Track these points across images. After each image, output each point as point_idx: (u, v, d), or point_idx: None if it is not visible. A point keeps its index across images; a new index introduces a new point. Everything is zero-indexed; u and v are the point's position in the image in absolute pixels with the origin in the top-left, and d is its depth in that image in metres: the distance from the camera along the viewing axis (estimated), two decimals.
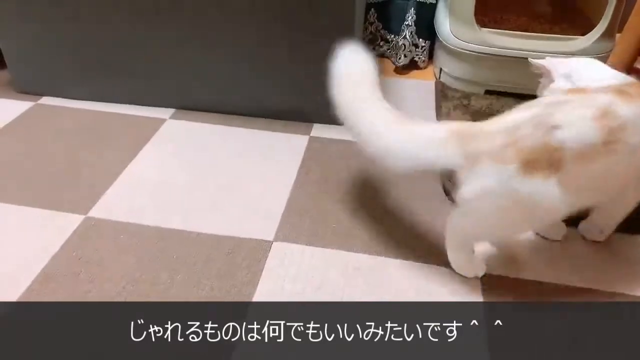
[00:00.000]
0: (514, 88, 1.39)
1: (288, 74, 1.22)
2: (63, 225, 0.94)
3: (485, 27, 1.36)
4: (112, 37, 1.23)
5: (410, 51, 1.54)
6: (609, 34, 1.29)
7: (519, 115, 0.74)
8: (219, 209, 0.99)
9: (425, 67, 1.58)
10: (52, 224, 0.94)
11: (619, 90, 0.74)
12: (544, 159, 0.68)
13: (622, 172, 0.76)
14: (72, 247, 0.90)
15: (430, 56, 1.59)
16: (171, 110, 1.31)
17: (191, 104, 1.31)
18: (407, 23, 1.50)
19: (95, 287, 0.82)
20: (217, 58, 1.23)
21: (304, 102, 1.25)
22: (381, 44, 1.61)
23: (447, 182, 1.03)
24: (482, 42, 1.33)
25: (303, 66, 1.19)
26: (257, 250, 0.90)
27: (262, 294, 0.82)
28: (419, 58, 1.56)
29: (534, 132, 0.69)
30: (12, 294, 0.80)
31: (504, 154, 0.69)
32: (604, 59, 1.28)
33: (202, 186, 1.05)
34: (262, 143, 1.20)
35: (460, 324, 0.78)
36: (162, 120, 1.27)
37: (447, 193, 1.03)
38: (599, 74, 0.84)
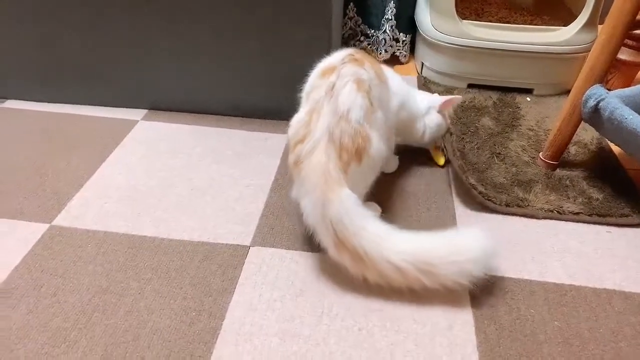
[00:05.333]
0: (497, 81, 1.36)
1: (263, 71, 1.17)
2: (25, 235, 0.88)
3: (466, 20, 1.33)
4: (78, 37, 1.17)
5: (391, 46, 1.51)
6: (590, 24, 1.27)
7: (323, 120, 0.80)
8: (192, 214, 0.94)
9: (406, 62, 1.55)
10: (13, 234, 0.88)
11: (351, 60, 0.85)
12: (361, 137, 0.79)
13: (386, 119, 0.88)
14: (34, 258, 0.84)
15: (412, 50, 1.55)
16: (143, 112, 1.26)
17: (164, 104, 1.25)
18: (387, 17, 1.46)
19: (58, 301, 0.77)
20: (190, 57, 1.17)
21: (280, 100, 1.20)
22: (361, 39, 1.57)
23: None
24: (463, 35, 1.30)
25: (279, 63, 1.15)
26: (234, 256, 0.85)
27: (239, 302, 0.77)
28: (400, 52, 1.53)
29: (344, 125, 0.78)
30: None
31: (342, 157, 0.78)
32: (587, 50, 1.26)
33: (174, 190, 1.00)
34: (237, 143, 1.15)
35: (451, 326, 0.74)
36: (134, 122, 1.21)
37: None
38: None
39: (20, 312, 0.75)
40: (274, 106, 1.22)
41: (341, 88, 0.80)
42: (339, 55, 0.88)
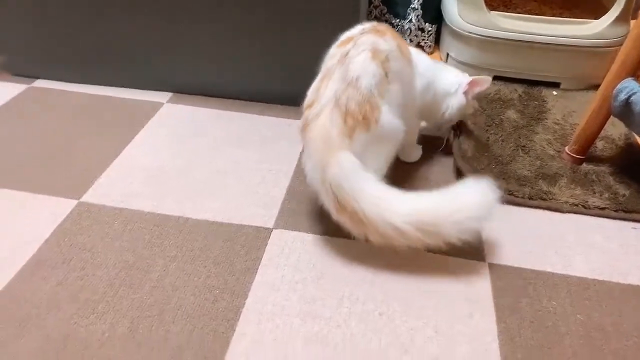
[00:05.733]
0: (523, 74, 1.35)
1: (288, 58, 1.18)
2: (55, 210, 0.91)
3: (494, 11, 1.31)
4: (108, 20, 1.18)
5: (416, 36, 1.49)
6: (622, 18, 1.24)
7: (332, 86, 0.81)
8: (216, 195, 0.96)
9: (431, 52, 1.54)
10: (45, 208, 0.91)
11: (374, 30, 0.85)
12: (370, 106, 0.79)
13: (404, 98, 0.86)
14: (64, 232, 0.86)
15: (437, 41, 1.54)
16: (168, 94, 1.27)
17: (189, 87, 1.27)
18: (413, 6, 1.45)
19: (87, 275, 0.79)
20: (216, 42, 1.18)
21: (304, 87, 1.20)
22: None
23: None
24: (491, 26, 1.28)
25: (303, 50, 1.15)
26: (257, 238, 0.87)
27: (262, 283, 0.79)
28: (425, 43, 1.51)
29: (351, 91, 0.78)
30: (1, 280, 0.77)
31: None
32: (618, 44, 1.23)
33: (199, 172, 1.02)
34: (261, 128, 1.16)
35: (471, 313, 0.75)
36: (159, 104, 1.23)
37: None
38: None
39: (51, 283, 0.77)
40: (297, 93, 1.21)
41: (355, 56, 0.80)
42: (362, 26, 0.88)
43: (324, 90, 0.80)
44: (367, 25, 0.88)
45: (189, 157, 1.06)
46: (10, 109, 1.19)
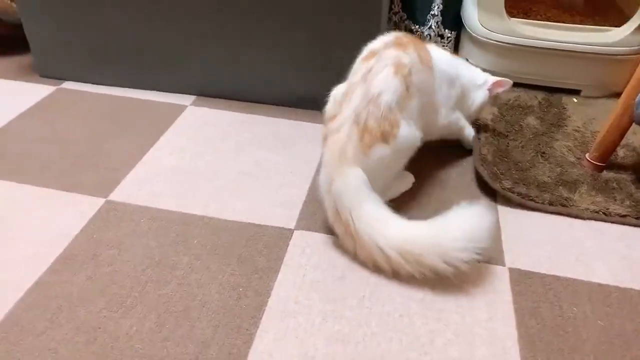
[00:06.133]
0: (543, 80, 1.35)
1: (311, 62, 1.20)
2: (84, 208, 0.93)
3: (514, 18, 1.32)
4: (133, 24, 1.22)
5: (435, 42, 1.51)
6: None
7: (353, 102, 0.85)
8: (239, 196, 0.98)
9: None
10: (74, 206, 0.94)
11: (396, 43, 0.88)
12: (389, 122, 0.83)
13: (423, 108, 0.90)
14: (92, 229, 0.89)
15: (456, 48, 1.55)
16: (192, 97, 1.30)
17: (212, 91, 1.29)
18: (433, 13, 1.46)
19: (115, 270, 0.81)
20: (239, 46, 1.21)
21: (325, 90, 1.22)
22: None
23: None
24: (512, 33, 1.29)
25: (327, 55, 1.17)
26: (279, 238, 0.88)
27: (284, 282, 0.80)
28: (445, 49, 1.52)
29: (372, 108, 0.82)
30: (33, 274, 0.80)
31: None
32: None
33: (222, 173, 1.04)
34: (282, 131, 1.18)
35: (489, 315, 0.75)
36: (183, 107, 1.26)
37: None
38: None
39: (81, 278, 0.80)
40: (320, 97, 1.24)
41: (378, 72, 0.84)
42: (385, 39, 0.91)
43: (347, 106, 0.85)
44: (389, 37, 0.91)
45: (212, 159, 1.08)
46: (40, 110, 1.23)
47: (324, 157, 0.86)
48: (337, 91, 0.92)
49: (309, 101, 1.25)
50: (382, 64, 0.85)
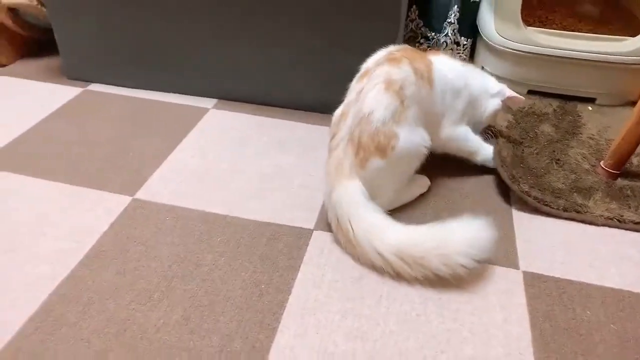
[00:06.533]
0: (558, 88, 1.36)
1: (330, 67, 1.23)
2: (112, 205, 0.97)
3: (530, 27, 1.34)
4: (158, 29, 1.26)
5: (451, 49, 1.53)
6: None
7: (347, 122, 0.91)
8: (260, 197, 1.01)
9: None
10: (102, 204, 0.98)
11: (389, 59, 0.91)
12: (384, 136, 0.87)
13: (425, 115, 0.93)
14: (120, 226, 0.93)
15: (472, 55, 1.57)
16: (214, 101, 1.34)
17: (233, 95, 1.33)
18: (449, 20, 1.49)
19: (142, 266, 0.85)
20: (259, 51, 1.24)
21: (342, 95, 1.25)
22: (421, 41, 1.60)
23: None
24: (528, 42, 1.31)
25: (346, 60, 1.19)
26: (298, 238, 0.91)
27: (304, 280, 0.83)
28: (460, 56, 1.55)
29: (364, 126, 0.87)
30: (66, 267, 0.84)
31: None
32: None
33: (244, 175, 1.07)
34: (301, 135, 1.21)
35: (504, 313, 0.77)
36: (205, 110, 1.30)
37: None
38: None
39: (110, 272, 0.83)
40: (336, 102, 1.27)
41: (369, 91, 0.88)
42: (378, 56, 0.95)
43: (343, 125, 0.91)
44: (383, 53, 0.95)
45: (233, 161, 1.11)
46: (68, 111, 1.28)
47: (326, 172, 0.92)
48: (337, 111, 0.97)
49: (328, 106, 1.28)
50: (373, 82, 0.89)
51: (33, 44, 1.53)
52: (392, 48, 0.96)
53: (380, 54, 0.96)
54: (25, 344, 0.72)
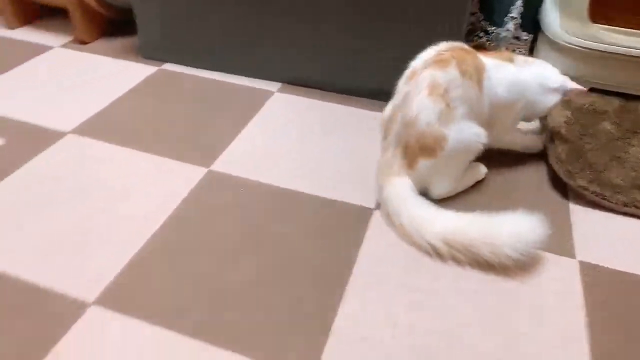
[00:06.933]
0: (621, 87, 1.36)
1: (394, 56, 1.27)
2: (190, 175, 1.06)
3: (596, 24, 1.33)
4: (229, 12, 1.34)
5: (511, 43, 1.54)
6: None
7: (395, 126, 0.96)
8: (325, 176, 1.07)
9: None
10: (181, 173, 1.07)
11: (436, 60, 0.93)
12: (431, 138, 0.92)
13: (477, 115, 0.96)
14: (198, 194, 1.01)
15: (531, 50, 1.57)
16: (278, 84, 1.41)
17: (297, 79, 1.40)
18: (512, 15, 1.50)
19: (218, 232, 0.93)
20: (324, 37, 1.30)
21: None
22: (480, 34, 1.61)
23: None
24: (593, 39, 1.30)
25: (410, 49, 1.23)
26: (361, 216, 0.97)
27: (366, 255, 0.89)
28: (520, 51, 1.55)
29: (410, 129, 0.92)
30: (149, 229, 0.93)
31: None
32: None
33: (308, 154, 1.14)
34: (364, 120, 1.27)
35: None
36: (271, 93, 1.37)
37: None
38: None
39: (190, 234, 0.92)
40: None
41: (414, 96, 0.92)
42: (427, 55, 0.96)
43: (391, 129, 0.97)
44: (431, 52, 0.96)
45: (298, 141, 1.18)
46: (145, 88, 1.38)
47: (377, 169, 1.00)
48: (385, 112, 1.01)
49: (390, 94, 1.33)
50: (418, 87, 0.92)
51: (111, 23, 1.64)
52: (442, 47, 0.97)
53: (429, 53, 0.97)
54: (117, 292, 0.81)
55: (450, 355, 0.73)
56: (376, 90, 1.34)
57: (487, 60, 0.99)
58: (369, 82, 1.34)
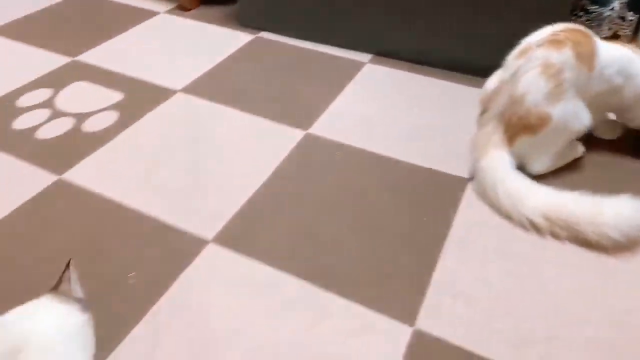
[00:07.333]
0: None
1: (490, 31, 1.26)
2: (289, 135, 1.13)
3: None
4: None
5: (615, 24, 1.47)
6: None
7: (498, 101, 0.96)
8: (418, 145, 1.10)
9: (628, 42, 1.50)
10: (281, 134, 1.14)
11: (551, 40, 0.92)
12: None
13: (585, 99, 0.95)
14: (298, 153, 1.08)
15: (636, 31, 1.49)
16: (369, 56, 1.44)
17: (388, 51, 1.42)
18: None
19: (313, 189, 0.99)
20: (416, 8, 1.31)
21: (500, 61, 1.28)
22: (580, 14, 1.55)
23: None
24: None
25: (508, 26, 1.22)
26: (456, 184, 1.00)
27: (462, 221, 0.92)
28: (624, 32, 1.48)
29: (516, 107, 0.92)
30: (256, 181, 1.01)
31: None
32: None
33: (401, 123, 1.17)
34: (457, 95, 1.27)
35: None
36: (362, 64, 1.41)
37: None
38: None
39: (290, 190, 0.99)
40: (495, 67, 1.31)
41: (524, 73, 0.91)
42: (542, 34, 0.95)
43: (495, 103, 0.96)
44: (547, 31, 0.95)
45: (390, 111, 1.22)
46: (243, 54, 1.46)
47: (474, 144, 1.00)
48: (489, 84, 1.01)
49: (484, 69, 1.32)
50: (530, 64, 0.91)
51: None
52: (557, 27, 0.96)
53: (544, 32, 0.96)
54: (232, 233, 0.90)
55: (549, 323, 0.75)
56: (470, 65, 1.33)
57: (605, 45, 0.98)
58: (463, 57, 1.34)
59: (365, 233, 0.90)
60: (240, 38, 1.53)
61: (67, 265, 0.62)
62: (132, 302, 0.78)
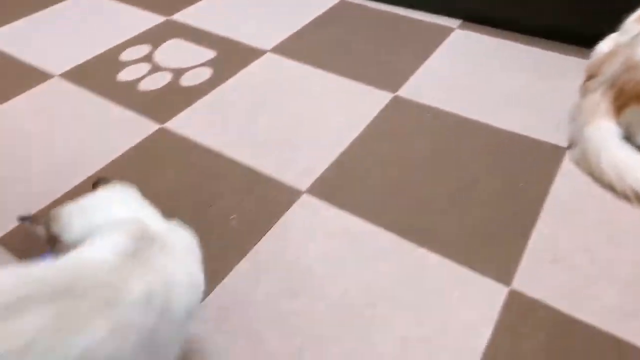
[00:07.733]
0: None
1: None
2: (377, 98, 1.13)
3: None
4: None
5: None
6: None
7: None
8: (512, 111, 1.07)
9: None
10: (370, 95, 1.14)
11: None
12: None
13: None
14: (386, 114, 1.08)
15: None
16: (458, 21, 1.40)
17: (477, 17, 1.37)
18: None
19: (404, 148, 1.00)
20: None
21: (597, 30, 1.20)
22: None
23: None
24: None
25: None
26: (552, 154, 0.97)
27: (559, 189, 0.89)
28: None
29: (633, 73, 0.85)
30: (347, 138, 1.02)
31: None
32: None
33: (491, 90, 1.14)
34: (552, 62, 1.22)
35: None
36: (450, 29, 1.37)
37: None
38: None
39: (378, 150, 1.00)
40: (590, 36, 1.23)
41: None
42: None
43: (607, 68, 0.90)
44: None
45: (481, 77, 1.18)
46: (329, 17, 1.46)
47: (580, 107, 0.94)
48: (601, 47, 0.95)
49: (577, 37, 1.25)
50: None
51: None
52: None
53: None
54: (325, 185, 0.92)
55: None
56: (565, 33, 1.27)
57: None
58: (557, 24, 1.27)
59: (459, 195, 0.89)
60: (326, 1, 1.53)
61: None
62: (234, 241, 0.83)
